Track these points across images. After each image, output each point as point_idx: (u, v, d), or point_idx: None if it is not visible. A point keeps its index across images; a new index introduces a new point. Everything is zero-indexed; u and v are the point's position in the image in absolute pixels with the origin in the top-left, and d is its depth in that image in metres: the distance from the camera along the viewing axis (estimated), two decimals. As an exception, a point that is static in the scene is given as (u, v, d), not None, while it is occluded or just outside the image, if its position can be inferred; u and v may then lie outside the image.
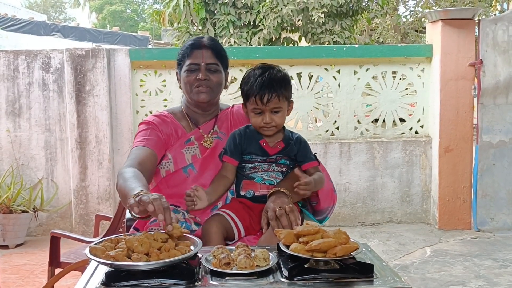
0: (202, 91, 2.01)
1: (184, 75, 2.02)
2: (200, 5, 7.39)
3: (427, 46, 5.15)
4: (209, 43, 2.04)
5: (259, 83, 1.88)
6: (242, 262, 1.39)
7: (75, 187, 4.87)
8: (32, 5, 33.51)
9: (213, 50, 2.03)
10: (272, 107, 1.88)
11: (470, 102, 4.98)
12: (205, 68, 2.00)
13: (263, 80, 1.88)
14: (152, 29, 23.44)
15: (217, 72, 2.03)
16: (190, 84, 2.01)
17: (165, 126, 2.06)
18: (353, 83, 5.17)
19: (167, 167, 2.02)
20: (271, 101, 1.87)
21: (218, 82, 2.04)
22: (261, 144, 1.96)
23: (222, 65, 2.06)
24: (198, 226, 1.96)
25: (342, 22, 7.50)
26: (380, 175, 5.19)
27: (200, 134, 2.08)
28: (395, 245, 4.56)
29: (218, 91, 2.07)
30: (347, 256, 1.41)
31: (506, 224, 4.99)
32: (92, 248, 1.41)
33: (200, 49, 2.01)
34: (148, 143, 1.98)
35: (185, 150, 2.04)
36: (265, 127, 1.91)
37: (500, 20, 4.91)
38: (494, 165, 4.97)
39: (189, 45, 2.04)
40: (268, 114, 1.89)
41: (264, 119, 1.89)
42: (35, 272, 3.96)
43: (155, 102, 5.02)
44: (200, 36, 2.08)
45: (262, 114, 1.89)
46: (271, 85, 1.87)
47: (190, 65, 2.01)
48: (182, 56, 2.05)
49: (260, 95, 1.86)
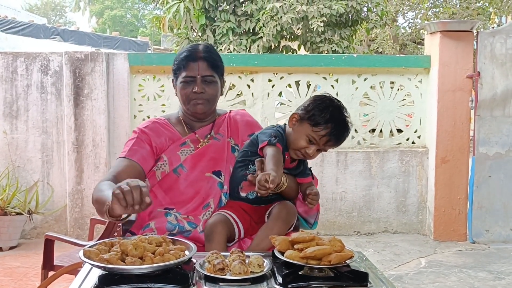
0: (198, 103, 2.02)
1: (180, 86, 2.03)
2: (200, 12, 7.42)
3: (425, 57, 5.18)
4: (205, 54, 2.02)
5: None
6: (236, 268, 1.38)
7: (71, 191, 4.85)
8: (33, 8, 33.57)
9: (209, 62, 2.02)
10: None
11: (467, 113, 5.00)
12: (201, 80, 2.01)
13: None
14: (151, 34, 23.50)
15: (213, 83, 2.04)
16: (187, 96, 2.02)
17: (157, 133, 2.06)
18: (351, 92, 5.18)
19: (163, 168, 2.03)
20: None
21: (214, 93, 2.05)
22: (285, 157, 1.94)
23: (218, 75, 2.06)
24: (191, 225, 1.96)
25: (341, 32, 7.54)
26: (376, 185, 5.19)
27: (195, 138, 2.09)
28: (390, 255, 4.55)
29: (214, 101, 2.09)
30: (341, 264, 1.41)
31: (501, 236, 5.00)
32: (86, 250, 1.40)
33: (196, 61, 2.00)
34: (130, 154, 1.98)
35: (181, 153, 2.05)
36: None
37: (498, 33, 4.94)
38: (490, 177, 4.98)
39: (185, 57, 2.03)
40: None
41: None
42: (28, 275, 3.94)
43: (153, 107, 5.02)
44: (195, 44, 2.07)
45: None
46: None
47: (186, 77, 2.01)
48: (178, 67, 2.05)
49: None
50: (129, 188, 1.43)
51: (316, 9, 6.98)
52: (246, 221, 1.94)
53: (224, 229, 1.85)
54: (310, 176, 2.03)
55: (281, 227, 1.87)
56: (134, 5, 32.81)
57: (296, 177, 2.01)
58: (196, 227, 1.96)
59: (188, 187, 2.00)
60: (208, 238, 1.85)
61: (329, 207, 5.14)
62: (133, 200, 1.43)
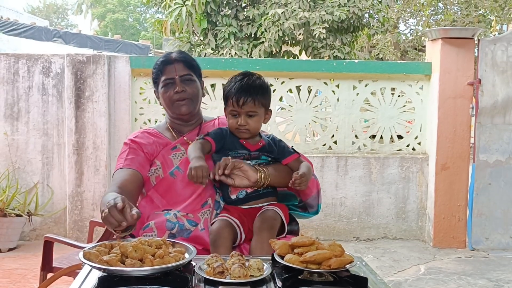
0: (182, 104, 2.07)
1: (162, 91, 2.09)
2: (202, 16, 7.43)
3: (426, 64, 5.19)
4: (179, 56, 2.11)
5: (237, 86, 1.96)
6: (236, 271, 1.38)
7: (71, 193, 4.85)
8: (35, 10, 33.64)
9: (184, 62, 2.10)
10: (247, 110, 1.95)
11: (468, 120, 5.00)
12: (180, 80, 2.06)
13: (241, 84, 1.96)
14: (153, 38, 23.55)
15: (192, 82, 2.10)
16: (170, 99, 2.07)
17: (147, 141, 2.10)
18: (352, 98, 5.19)
19: (156, 173, 2.06)
20: (247, 104, 1.94)
21: (194, 92, 2.10)
22: (242, 143, 2.01)
23: (195, 75, 2.13)
24: (191, 223, 1.97)
25: (342, 38, 7.55)
26: (376, 191, 5.19)
27: (185, 141, 2.12)
28: (389, 261, 4.54)
29: (197, 100, 2.13)
30: (341, 268, 1.40)
31: (501, 244, 4.99)
32: (86, 252, 1.40)
33: (172, 63, 2.08)
34: (127, 163, 2.03)
35: (173, 156, 2.08)
36: (239, 129, 1.97)
37: (499, 41, 4.95)
38: (490, 185, 4.98)
39: (161, 62, 2.11)
40: (243, 116, 1.95)
41: (239, 121, 1.95)
42: (27, 276, 3.93)
43: (153, 110, 5.02)
44: (168, 52, 2.17)
45: (238, 116, 1.96)
46: (248, 90, 1.95)
47: (165, 80, 2.07)
48: (157, 74, 2.11)
49: (237, 98, 1.94)
50: (107, 212, 1.51)
51: (318, 16, 6.99)
52: (245, 225, 1.96)
53: (230, 234, 1.89)
54: (294, 153, 2.06)
55: (268, 236, 1.85)
56: (136, 8, 32.88)
57: (279, 160, 2.04)
58: (196, 225, 1.97)
59: (186, 188, 2.02)
60: (214, 244, 1.86)
61: (329, 213, 5.14)
62: (116, 220, 1.51)
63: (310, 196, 2.09)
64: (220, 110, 4.83)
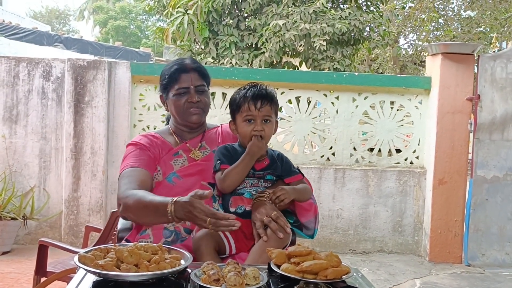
0: (195, 113, 2.07)
1: (174, 99, 2.08)
2: (204, 25, 7.46)
3: (426, 78, 5.21)
4: (195, 65, 2.11)
5: (252, 92, 1.96)
6: (232, 279, 1.37)
7: (67, 197, 4.83)
8: (37, 15, 33.74)
9: (199, 72, 2.10)
10: (265, 114, 1.95)
11: (466, 136, 5.01)
12: (195, 90, 2.06)
13: (256, 90, 1.97)
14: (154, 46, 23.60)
15: (205, 93, 2.11)
16: (182, 107, 2.07)
17: (151, 145, 2.10)
18: (351, 110, 5.20)
19: (156, 178, 2.05)
20: (264, 107, 1.94)
21: (207, 102, 2.12)
22: None
23: (207, 85, 2.14)
24: (187, 231, 1.96)
25: (343, 50, 7.57)
26: (373, 204, 5.18)
27: (187, 147, 2.12)
28: (385, 275, 4.53)
29: (208, 110, 2.15)
30: (337, 279, 1.40)
31: (497, 261, 4.97)
32: (81, 256, 1.39)
33: (188, 72, 2.07)
34: (141, 163, 2.02)
35: (174, 162, 2.07)
36: (255, 135, 1.94)
37: (499, 57, 4.97)
38: (487, 200, 4.98)
39: (176, 70, 2.09)
40: (259, 122, 1.95)
41: (255, 126, 1.94)
42: (20, 281, 3.90)
43: (153, 117, 5.02)
44: (182, 58, 2.16)
45: (254, 122, 1.95)
46: (265, 95, 1.96)
47: (180, 89, 2.06)
48: (169, 81, 2.09)
49: (255, 101, 1.94)
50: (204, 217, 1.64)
51: (319, 28, 7.02)
52: (239, 237, 1.92)
53: (210, 241, 1.84)
54: (298, 173, 2.05)
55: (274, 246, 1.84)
56: (138, 16, 32.98)
57: (282, 178, 2.03)
58: (190, 232, 1.96)
59: (184, 194, 2.00)
60: (196, 252, 1.82)
61: (325, 224, 5.13)
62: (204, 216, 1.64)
63: (307, 219, 2.06)
64: (219, 119, 4.83)
